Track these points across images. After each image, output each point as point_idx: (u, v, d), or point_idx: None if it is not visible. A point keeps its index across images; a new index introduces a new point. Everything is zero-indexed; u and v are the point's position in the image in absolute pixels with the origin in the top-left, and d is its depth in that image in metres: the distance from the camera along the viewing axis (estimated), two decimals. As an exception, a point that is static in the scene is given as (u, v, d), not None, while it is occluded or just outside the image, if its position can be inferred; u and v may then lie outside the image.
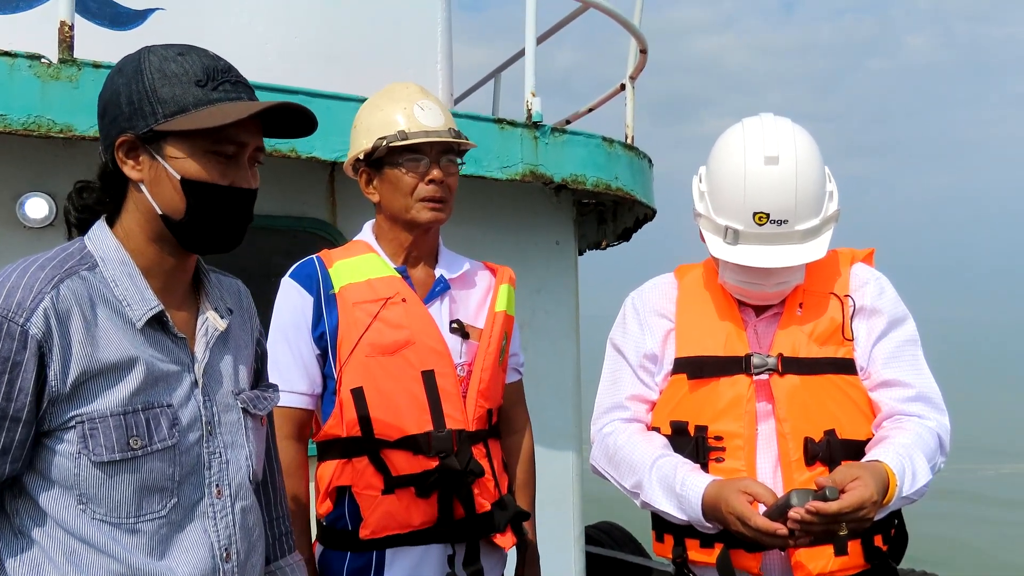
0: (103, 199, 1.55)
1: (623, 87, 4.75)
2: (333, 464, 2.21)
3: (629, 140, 4.42)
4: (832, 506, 1.84)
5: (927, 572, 5.05)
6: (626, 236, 4.77)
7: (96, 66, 2.87)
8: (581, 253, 4.82)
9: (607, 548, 5.82)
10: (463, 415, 2.22)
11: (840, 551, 2.06)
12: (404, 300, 2.23)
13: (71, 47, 2.88)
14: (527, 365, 2.56)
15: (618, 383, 2.30)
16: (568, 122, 5.04)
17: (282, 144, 3.11)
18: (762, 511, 1.93)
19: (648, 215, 4.55)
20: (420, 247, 2.31)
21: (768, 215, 2.09)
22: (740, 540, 2.02)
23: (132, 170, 1.49)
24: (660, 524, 2.22)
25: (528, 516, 2.38)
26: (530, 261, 4.09)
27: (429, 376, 2.20)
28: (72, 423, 1.41)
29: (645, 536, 2.75)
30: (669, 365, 2.25)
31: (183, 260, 1.56)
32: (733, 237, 2.13)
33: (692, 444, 2.14)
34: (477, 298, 2.37)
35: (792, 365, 2.13)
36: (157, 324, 1.51)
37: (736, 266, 2.13)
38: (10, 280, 1.40)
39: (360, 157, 2.30)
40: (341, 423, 2.20)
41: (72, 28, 2.89)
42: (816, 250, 2.12)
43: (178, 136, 1.45)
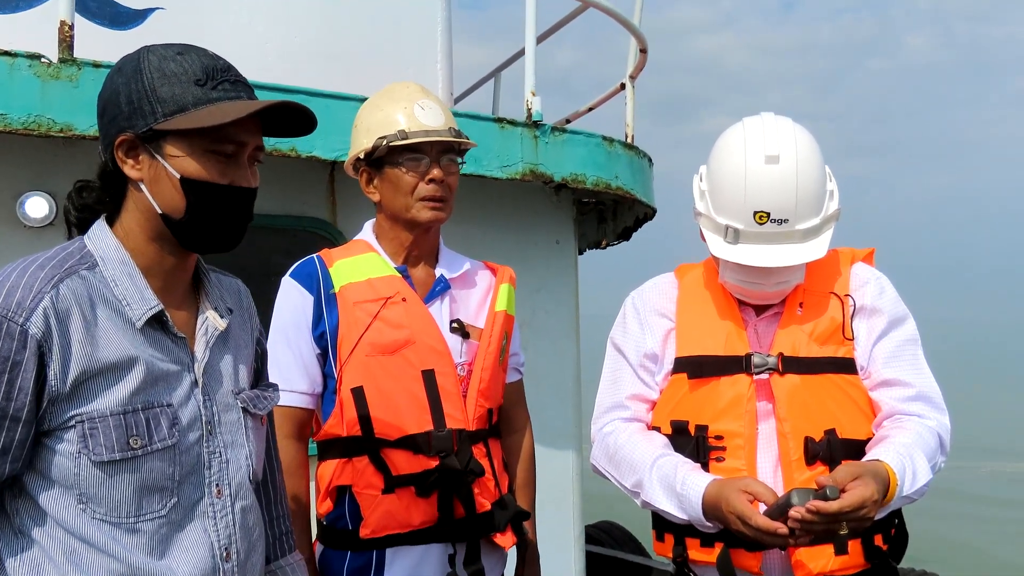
0: (103, 198, 1.54)
1: (623, 86, 4.75)
2: (333, 463, 2.21)
3: (629, 139, 4.42)
4: (833, 505, 1.84)
5: (927, 572, 5.05)
6: (626, 235, 4.77)
7: (96, 66, 2.87)
8: (581, 252, 4.82)
9: (607, 547, 5.83)
10: (463, 415, 2.22)
11: (840, 550, 2.06)
12: (404, 299, 2.23)
13: (71, 47, 2.88)
14: (527, 364, 2.56)
15: (618, 382, 2.30)
16: (568, 121, 5.04)
17: (282, 143, 3.11)
18: (762, 510, 1.93)
19: (648, 214, 4.55)
20: (420, 246, 2.31)
21: (768, 214, 2.09)
22: (740, 539, 2.02)
23: (132, 169, 1.49)
24: (660, 523, 2.22)
25: (528, 516, 2.38)
26: (530, 260, 4.09)
27: (429, 375, 2.20)
28: (72, 423, 1.41)
29: (645, 535, 2.75)
30: (669, 364, 2.25)
31: (183, 259, 1.56)
32: (733, 236, 2.13)
33: (692, 443, 2.14)
34: (477, 298, 2.36)
35: (792, 365, 2.13)
36: (157, 324, 1.51)
37: (736, 265, 2.13)
38: (10, 280, 1.40)
39: (360, 156, 2.29)
40: (341, 422, 2.20)
41: (72, 28, 2.89)
42: (816, 249, 2.12)
43: (177, 135, 1.45)
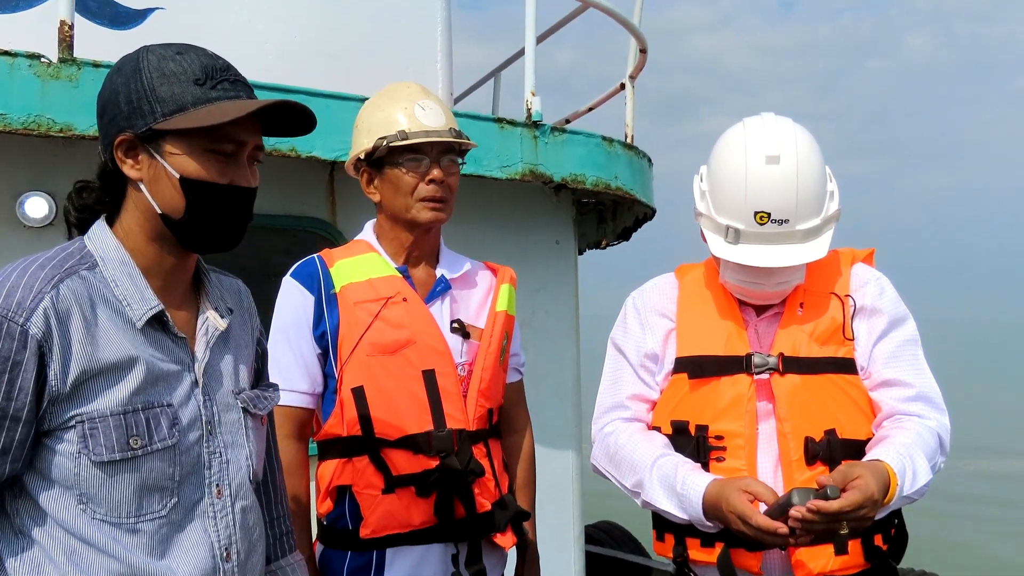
0: (103, 199, 1.54)
1: (623, 86, 4.75)
2: (333, 463, 2.21)
3: (629, 139, 4.42)
4: (833, 505, 1.84)
5: (926, 572, 5.05)
6: (626, 235, 4.77)
7: (96, 65, 2.87)
8: (581, 252, 4.82)
9: (607, 547, 5.82)
10: (464, 415, 2.22)
11: (840, 550, 2.06)
12: (405, 300, 2.23)
13: (71, 46, 2.88)
14: (527, 365, 2.56)
15: (619, 382, 2.30)
16: (568, 121, 5.04)
17: (282, 143, 3.11)
18: (763, 510, 1.93)
19: (648, 214, 4.55)
20: (421, 247, 2.31)
21: (769, 214, 2.09)
22: (741, 539, 2.02)
23: (131, 169, 1.49)
24: (661, 523, 2.22)
25: (528, 516, 2.38)
26: (530, 260, 4.09)
27: (430, 375, 2.20)
28: (72, 423, 1.41)
29: (645, 535, 2.75)
30: (670, 364, 2.25)
31: (183, 259, 1.56)
32: (734, 236, 2.13)
33: (693, 443, 2.14)
34: (478, 298, 2.36)
35: (793, 365, 2.13)
36: (157, 324, 1.51)
37: (737, 265, 2.13)
38: (10, 280, 1.40)
39: (361, 157, 2.29)
40: (342, 422, 2.20)
41: (72, 27, 2.89)
42: (817, 250, 2.12)
43: (177, 135, 1.45)
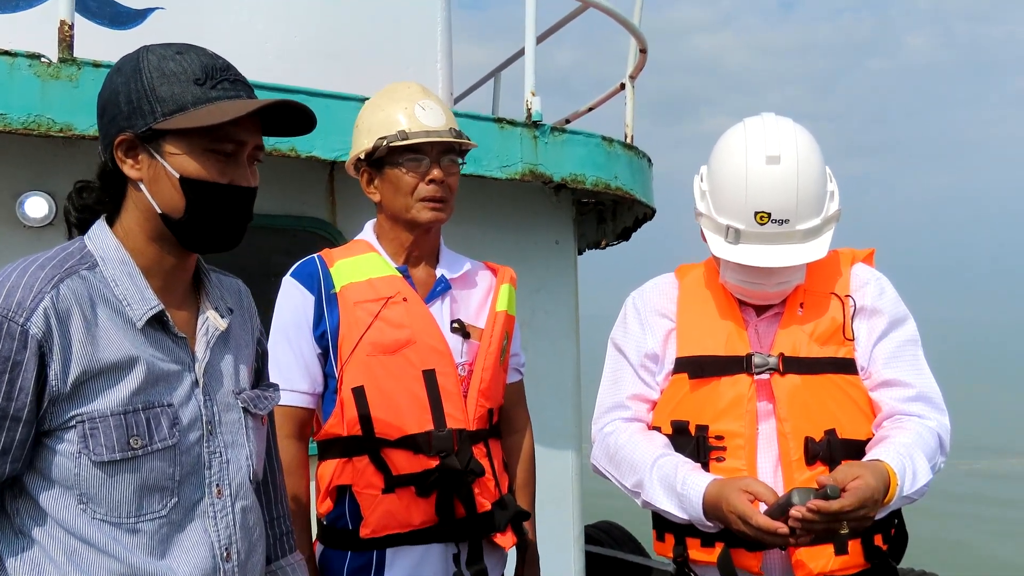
0: (103, 198, 1.54)
1: (623, 86, 4.75)
2: (334, 463, 2.21)
3: (629, 139, 4.42)
4: (833, 505, 1.84)
5: (926, 572, 5.05)
6: (626, 235, 4.77)
7: (96, 65, 2.87)
8: (581, 252, 4.82)
9: (607, 547, 5.82)
10: (464, 415, 2.22)
11: (840, 550, 2.06)
12: (405, 299, 2.23)
13: (71, 46, 2.88)
14: (526, 365, 2.56)
15: (619, 382, 2.30)
16: (568, 121, 5.04)
17: (282, 143, 3.10)
18: (763, 510, 1.93)
19: (648, 214, 4.55)
20: (421, 247, 2.31)
21: (769, 215, 2.09)
22: (741, 539, 2.02)
23: (131, 169, 1.49)
24: (661, 523, 2.22)
25: (528, 516, 2.38)
26: (530, 260, 4.09)
27: (430, 375, 2.20)
28: (72, 423, 1.41)
29: (645, 535, 2.74)
30: (670, 365, 2.25)
31: (183, 259, 1.56)
32: (734, 236, 2.13)
33: (693, 443, 2.14)
34: (478, 298, 2.36)
35: (793, 365, 2.13)
36: (157, 323, 1.51)
37: (737, 265, 2.13)
38: (10, 280, 1.40)
39: (361, 156, 2.29)
40: (342, 422, 2.20)
41: (72, 27, 2.89)
42: (817, 250, 2.12)
43: (177, 134, 1.45)
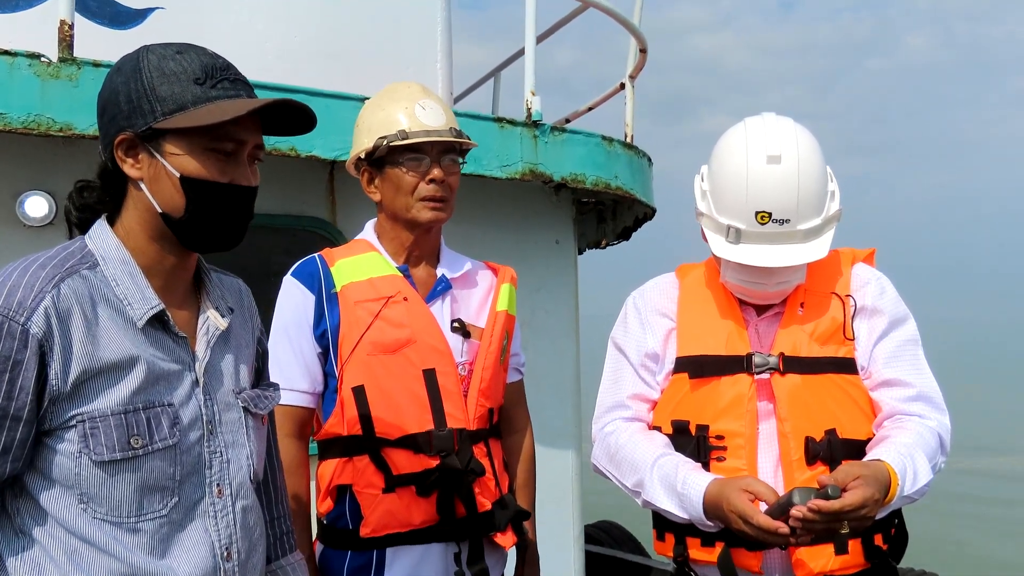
0: (103, 198, 1.54)
1: (622, 86, 4.75)
2: (334, 463, 2.21)
3: (629, 139, 4.42)
4: (834, 504, 1.84)
5: (926, 571, 5.05)
6: (626, 235, 4.78)
7: (96, 65, 2.87)
8: (581, 252, 4.82)
9: (607, 547, 5.83)
10: (464, 414, 2.22)
11: (840, 550, 2.06)
12: (406, 299, 2.23)
13: (71, 46, 2.88)
14: (526, 364, 2.56)
15: (619, 382, 2.30)
16: (568, 121, 5.04)
17: (282, 143, 3.10)
18: (763, 509, 1.93)
19: (648, 214, 4.55)
20: (422, 246, 2.31)
21: (770, 214, 2.09)
22: (741, 539, 2.02)
23: (131, 168, 1.49)
24: (661, 523, 2.22)
25: (528, 515, 2.38)
26: (530, 260, 4.09)
27: (430, 375, 2.20)
28: (73, 422, 1.40)
29: (644, 535, 2.74)
30: (670, 364, 2.25)
31: (184, 259, 1.56)
32: (735, 236, 2.13)
33: (693, 443, 2.14)
34: (479, 297, 2.36)
35: (793, 364, 2.13)
36: (158, 323, 1.50)
37: (738, 265, 2.13)
38: (11, 279, 1.40)
39: (362, 156, 2.29)
40: (342, 421, 2.20)
41: (72, 27, 2.89)
42: (818, 250, 2.12)
43: (177, 134, 1.45)
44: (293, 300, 2.24)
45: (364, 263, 2.27)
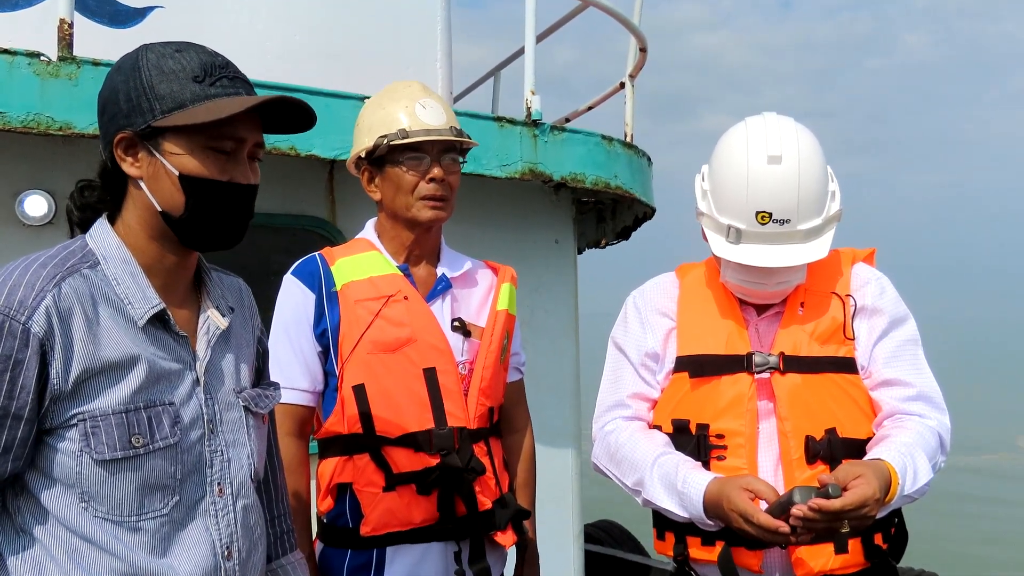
0: (104, 197, 1.54)
1: (622, 85, 4.75)
2: (334, 461, 2.21)
3: (628, 138, 4.42)
4: (835, 503, 1.84)
5: (925, 571, 5.05)
6: (625, 234, 4.77)
7: (95, 64, 2.87)
8: (580, 251, 4.82)
9: (606, 546, 5.82)
10: (464, 413, 2.22)
11: (840, 549, 2.06)
12: (406, 298, 2.23)
13: (70, 45, 2.88)
14: (526, 363, 2.56)
15: (620, 381, 2.30)
16: (567, 120, 5.04)
17: (281, 142, 3.10)
18: (764, 508, 1.93)
19: (647, 213, 4.55)
20: (422, 245, 2.31)
21: (770, 214, 2.09)
22: (741, 538, 2.02)
23: (131, 167, 1.49)
24: (661, 522, 2.22)
25: (528, 515, 2.38)
26: (529, 259, 4.09)
27: (431, 374, 2.20)
28: (74, 421, 1.40)
29: (644, 535, 2.74)
30: (671, 363, 2.25)
31: (184, 258, 1.56)
32: (735, 236, 2.13)
33: (694, 442, 2.14)
34: (479, 297, 2.36)
35: (793, 364, 2.13)
36: (159, 322, 1.50)
37: (738, 265, 2.13)
38: (12, 278, 1.39)
39: (362, 155, 2.29)
40: (342, 420, 2.19)
41: (71, 26, 2.89)
42: (818, 250, 2.12)
43: (176, 132, 1.45)
44: (293, 299, 2.24)
45: (364, 262, 2.27)
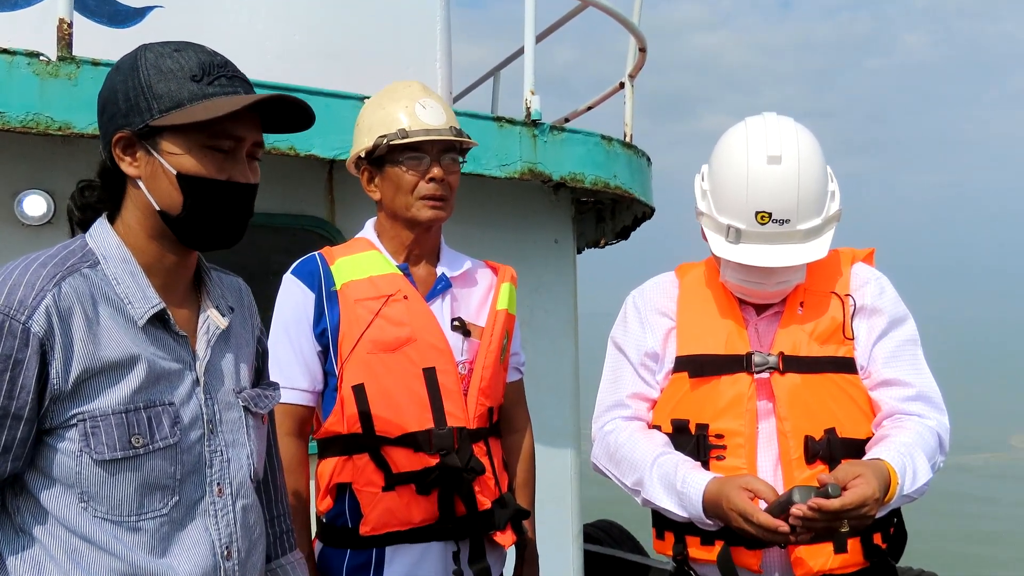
0: (104, 197, 1.54)
1: (622, 85, 4.75)
2: (333, 461, 2.21)
3: (628, 138, 4.42)
4: (835, 503, 1.84)
5: (924, 571, 5.05)
6: (625, 234, 4.77)
7: (95, 64, 2.87)
8: (580, 251, 4.82)
9: (606, 546, 5.82)
10: (464, 413, 2.22)
11: (840, 548, 2.06)
12: (406, 297, 2.23)
13: (70, 45, 2.87)
14: (525, 363, 2.56)
15: (619, 381, 2.30)
16: (567, 120, 5.04)
17: (281, 142, 3.10)
18: (763, 508, 1.93)
19: (647, 213, 4.55)
20: (422, 245, 2.31)
21: (770, 214, 2.09)
22: (741, 537, 2.02)
23: (129, 166, 1.49)
24: (661, 522, 2.22)
25: (528, 515, 2.38)
26: (529, 259, 4.08)
27: (430, 373, 2.20)
28: (74, 421, 1.40)
29: (644, 534, 2.74)
30: (670, 363, 2.25)
31: (184, 257, 1.56)
32: (735, 236, 2.13)
33: (693, 442, 2.14)
34: (479, 296, 2.36)
35: (793, 364, 2.13)
36: (159, 322, 1.50)
37: (738, 265, 2.13)
38: (12, 277, 1.39)
39: (362, 155, 2.29)
40: (342, 420, 2.19)
41: (71, 26, 2.89)
42: (818, 250, 2.12)
43: (174, 131, 1.45)
44: (293, 298, 2.24)
45: (364, 261, 2.27)
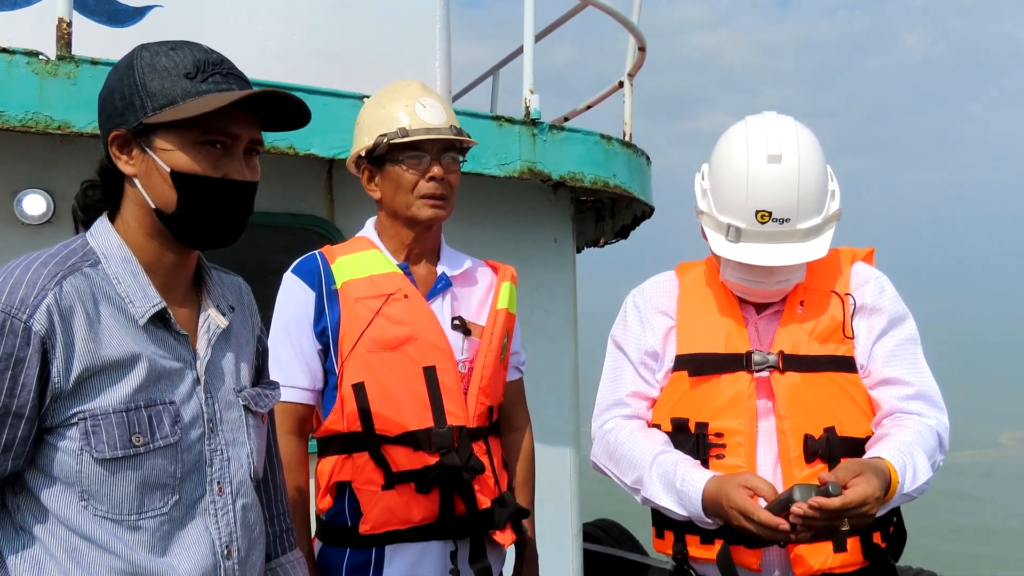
0: (105, 196, 1.54)
1: (621, 84, 4.75)
2: (333, 460, 2.21)
3: (627, 137, 4.42)
4: (835, 502, 1.84)
5: (924, 570, 5.05)
6: (624, 233, 4.78)
7: (94, 63, 2.86)
8: (579, 250, 4.82)
9: (605, 545, 5.83)
10: (464, 412, 2.22)
11: (839, 547, 2.07)
12: (406, 296, 2.23)
13: (69, 44, 2.87)
14: (525, 362, 2.56)
15: (619, 380, 2.31)
16: (566, 119, 5.04)
17: (280, 141, 3.10)
18: (763, 506, 1.93)
19: (646, 212, 4.55)
20: (422, 244, 2.31)
21: (770, 213, 2.09)
22: (740, 536, 2.02)
23: (126, 165, 1.49)
24: (660, 520, 2.22)
25: (528, 514, 2.38)
26: (528, 259, 4.08)
27: (431, 372, 2.20)
28: (74, 420, 1.40)
29: (643, 534, 2.74)
30: (670, 362, 2.25)
31: (183, 256, 1.56)
32: (735, 235, 2.13)
33: (693, 441, 2.14)
34: (479, 295, 2.36)
35: (793, 362, 2.13)
36: (159, 321, 1.50)
37: (738, 264, 2.13)
38: (13, 276, 1.39)
39: (362, 154, 2.29)
40: (342, 418, 2.19)
41: (70, 25, 2.89)
42: (818, 249, 2.13)
43: (167, 128, 1.45)
44: (293, 297, 2.24)
45: (364, 260, 2.27)
